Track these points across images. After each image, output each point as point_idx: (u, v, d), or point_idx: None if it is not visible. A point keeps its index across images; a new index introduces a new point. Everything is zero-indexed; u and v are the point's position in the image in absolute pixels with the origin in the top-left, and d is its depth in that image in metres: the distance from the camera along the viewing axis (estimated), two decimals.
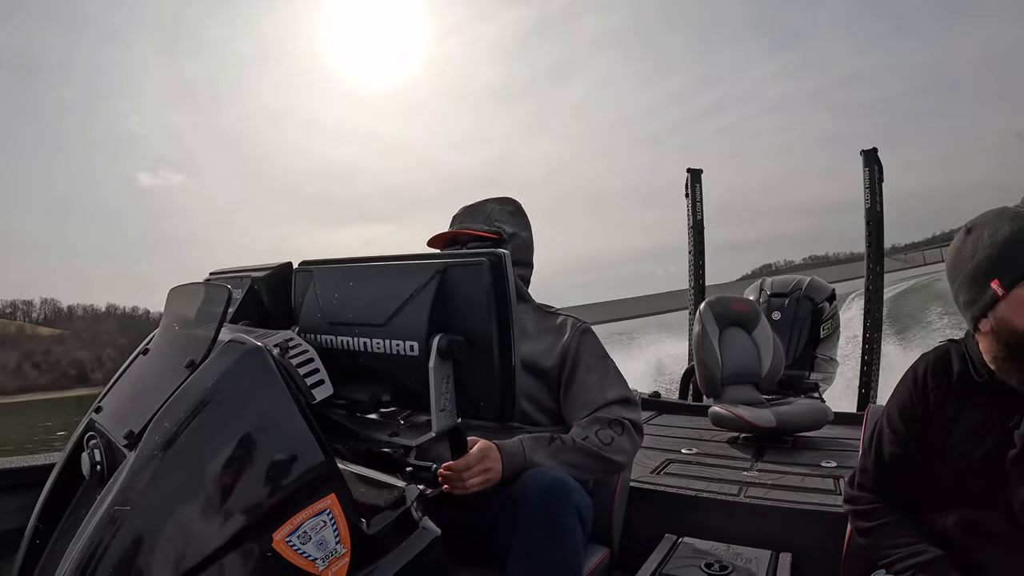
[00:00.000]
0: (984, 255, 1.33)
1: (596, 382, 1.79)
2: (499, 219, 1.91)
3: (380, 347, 1.11)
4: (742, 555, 2.08)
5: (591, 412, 1.74)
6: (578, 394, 1.79)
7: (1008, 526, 1.32)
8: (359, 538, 1.02)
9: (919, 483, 1.46)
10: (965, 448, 1.37)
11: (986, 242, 1.33)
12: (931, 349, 1.51)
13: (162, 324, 1.37)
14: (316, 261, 1.33)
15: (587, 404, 1.76)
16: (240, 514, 0.95)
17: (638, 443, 1.77)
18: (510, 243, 1.89)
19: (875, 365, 4.78)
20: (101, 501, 0.97)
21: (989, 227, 1.34)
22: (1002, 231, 1.31)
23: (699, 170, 5.65)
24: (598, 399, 1.76)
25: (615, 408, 1.75)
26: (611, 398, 1.77)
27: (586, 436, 1.67)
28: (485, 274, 1.04)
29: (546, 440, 1.63)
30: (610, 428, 1.71)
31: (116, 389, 1.32)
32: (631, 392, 1.83)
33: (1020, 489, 1.29)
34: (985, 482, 1.35)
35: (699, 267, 5.70)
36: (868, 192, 4.70)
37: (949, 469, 1.40)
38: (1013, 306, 1.30)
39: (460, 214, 1.95)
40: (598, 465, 1.67)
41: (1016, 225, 1.30)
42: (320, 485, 1.00)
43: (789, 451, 3.40)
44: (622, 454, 1.70)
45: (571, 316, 1.93)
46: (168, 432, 0.97)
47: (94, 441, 1.13)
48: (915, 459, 1.45)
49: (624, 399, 1.78)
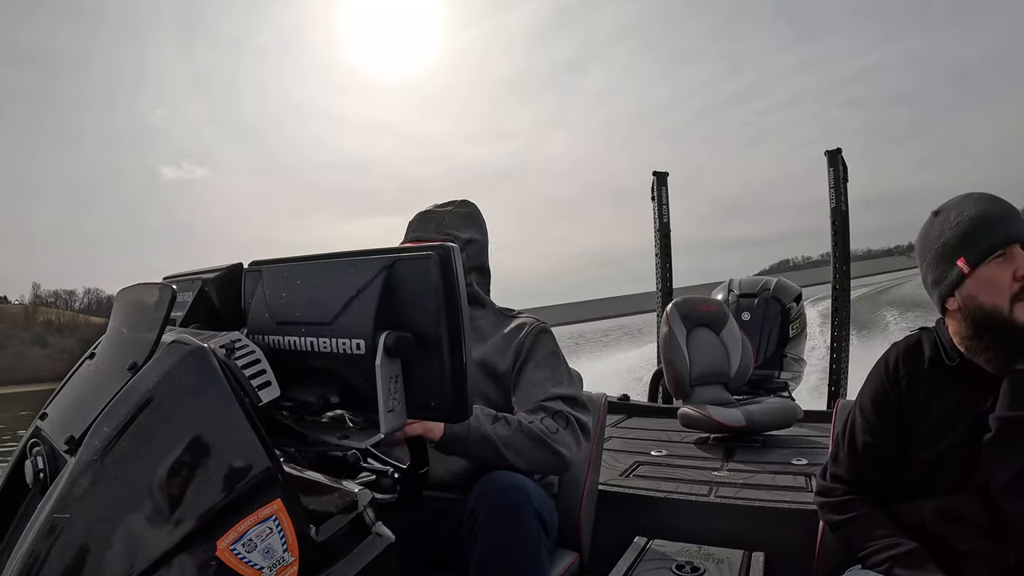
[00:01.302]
0: (951, 235, 1.36)
1: (545, 377, 1.76)
2: (452, 225, 1.88)
3: (327, 346, 1.08)
4: (714, 556, 2.08)
5: (535, 403, 1.70)
6: (525, 388, 1.76)
7: (983, 512, 1.32)
8: (308, 545, 0.99)
9: (893, 472, 1.46)
10: (939, 433, 1.38)
11: (952, 222, 1.36)
12: (902, 338, 1.53)
13: (109, 327, 1.33)
14: (265, 261, 1.30)
15: (532, 397, 1.73)
16: (182, 521, 0.91)
17: (583, 442, 1.71)
18: (465, 250, 1.85)
19: (844, 363, 4.84)
20: (40, 509, 0.93)
21: (956, 209, 1.37)
22: (968, 211, 1.35)
23: (665, 173, 5.69)
24: (544, 392, 1.73)
25: (560, 403, 1.71)
26: (557, 393, 1.73)
27: (531, 421, 1.64)
28: (433, 268, 1.01)
29: (492, 416, 1.60)
30: (554, 419, 1.66)
31: (62, 395, 1.28)
32: (580, 392, 1.80)
33: (997, 472, 1.30)
34: (959, 467, 1.35)
35: (666, 269, 5.75)
36: (833, 192, 4.77)
37: (923, 455, 1.41)
38: (979, 283, 1.33)
39: (414, 221, 1.91)
40: (541, 452, 1.61)
41: (981, 206, 1.34)
42: (265, 490, 0.96)
43: (759, 450, 3.42)
44: (565, 447, 1.64)
45: (531, 317, 1.90)
46: (107, 436, 0.93)
47: (37, 448, 1.09)
48: (889, 447, 1.46)
49: (571, 397, 1.74)
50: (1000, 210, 1.34)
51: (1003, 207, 1.34)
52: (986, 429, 1.32)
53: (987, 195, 1.35)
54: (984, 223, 1.33)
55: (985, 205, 1.34)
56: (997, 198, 1.35)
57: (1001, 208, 1.34)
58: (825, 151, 4.76)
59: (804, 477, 2.85)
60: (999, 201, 1.35)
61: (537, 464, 1.63)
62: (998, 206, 1.34)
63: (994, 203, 1.35)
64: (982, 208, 1.34)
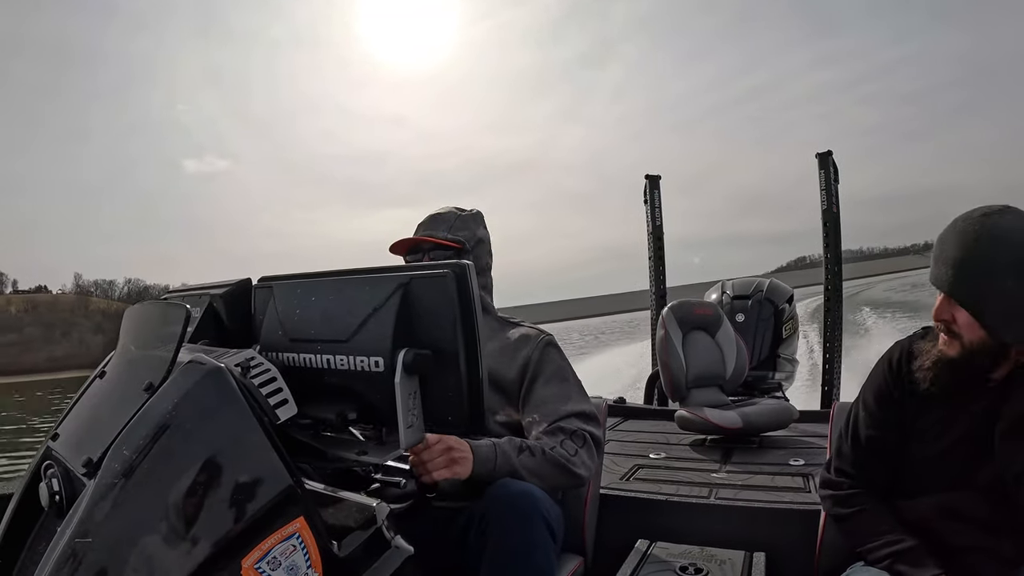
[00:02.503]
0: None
1: (557, 394, 1.77)
2: (461, 227, 1.90)
3: (344, 363, 1.09)
4: (716, 557, 2.09)
5: (551, 423, 1.72)
6: (537, 406, 1.77)
7: (984, 509, 1.35)
8: (331, 561, 1.00)
9: (895, 467, 1.48)
10: (940, 430, 1.40)
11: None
12: (906, 336, 1.55)
13: (119, 346, 1.33)
14: (275, 277, 1.30)
15: (547, 416, 1.74)
16: (206, 542, 0.91)
17: (597, 458, 1.76)
18: (472, 252, 1.88)
19: (836, 363, 4.85)
20: (61, 534, 0.93)
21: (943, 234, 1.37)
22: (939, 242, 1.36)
23: (657, 176, 5.70)
24: (558, 411, 1.74)
25: (575, 420, 1.73)
26: (572, 410, 1.75)
27: (553, 447, 1.65)
28: (449, 286, 1.02)
29: (517, 447, 1.61)
30: (572, 440, 1.69)
31: (73, 415, 1.28)
32: (592, 406, 1.82)
33: (1012, 464, 1.31)
34: (960, 464, 1.37)
35: (659, 272, 5.75)
36: (824, 194, 4.79)
37: (924, 452, 1.42)
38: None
39: (424, 223, 1.92)
40: (564, 477, 1.66)
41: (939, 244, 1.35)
42: (288, 508, 0.97)
43: (756, 451, 3.43)
44: (583, 468, 1.68)
45: (534, 327, 1.91)
46: (127, 460, 0.93)
47: (52, 470, 1.09)
48: (891, 441, 1.47)
49: (584, 412, 1.76)
50: (941, 254, 1.34)
51: (948, 253, 1.33)
52: (987, 427, 1.34)
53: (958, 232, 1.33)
54: (933, 259, 1.36)
55: (940, 243, 1.35)
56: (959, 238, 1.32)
57: (945, 253, 1.33)
58: (816, 153, 4.77)
59: (802, 477, 2.87)
60: (954, 242, 1.32)
61: (557, 486, 1.68)
62: (946, 249, 1.33)
63: (947, 244, 1.33)
64: (938, 244, 1.35)
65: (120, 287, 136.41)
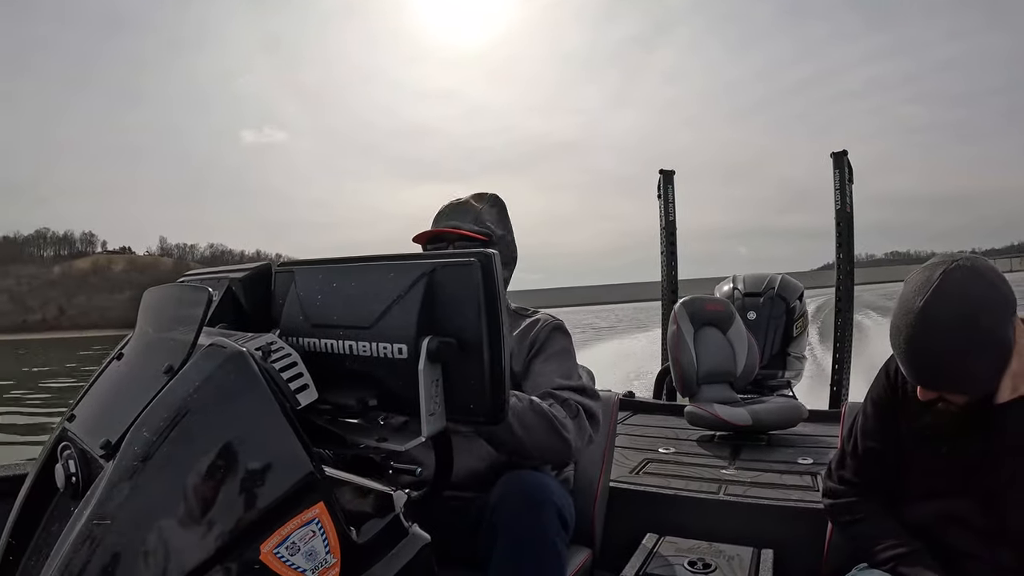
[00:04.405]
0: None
1: (554, 370, 1.76)
2: (489, 219, 1.89)
3: (366, 350, 1.08)
4: (724, 552, 2.10)
5: (544, 393, 1.68)
6: (533, 379, 1.75)
7: (982, 518, 1.35)
8: (349, 547, 0.99)
9: (896, 475, 1.48)
10: (939, 439, 1.40)
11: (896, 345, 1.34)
12: None
13: (137, 328, 1.32)
14: (297, 261, 1.29)
15: (541, 387, 1.71)
16: (225, 526, 0.91)
17: (590, 432, 1.70)
18: (498, 244, 1.86)
19: (846, 363, 4.85)
20: (78, 516, 0.93)
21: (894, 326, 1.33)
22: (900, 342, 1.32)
23: (671, 171, 5.68)
24: (553, 382, 1.72)
25: (569, 392, 1.70)
26: (567, 384, 1.72)
27: (541, 402, 1.61)
28: (475, 274, 1.01)
29: None
30: (563, 407, 1.64)
31: (90, 396, 1.27)
32: (590, 385, 1.80)
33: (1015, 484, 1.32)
34: (960, 472, 1.37)
35: (671, 267, 5.74)
36: (838, 194, 4.77)
37: (924, 459, 1.43)
38: None
39: (447, 211, 1.91)
40: (548, 434, 1.58)
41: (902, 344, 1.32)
42: (308, 494, 0.96)
43: (765, 449, 3.44)
44: (572, 435, 1.62)
45: (546, 315, 1.91)
46: (147, 442, 0.93)
47: (68, 452, 1.09)
48: (891, 451, 1.48)
49: (581, 387, 1.74)
50: (908, 358, 1.31)
51: (915, 361, 1.31)
52: (985, 437, 1.34)
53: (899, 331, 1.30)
54: (901, 359, 1.33)
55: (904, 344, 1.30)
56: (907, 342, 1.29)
57: (910, 359, 1.31)
58: (831, 153, 4.75)
59: (811, 476, 2.88)
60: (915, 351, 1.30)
61: (544, 446, 1.59)
62: (910, 355, 1.31)
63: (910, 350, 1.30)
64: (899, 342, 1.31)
65: (202, 250, 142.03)
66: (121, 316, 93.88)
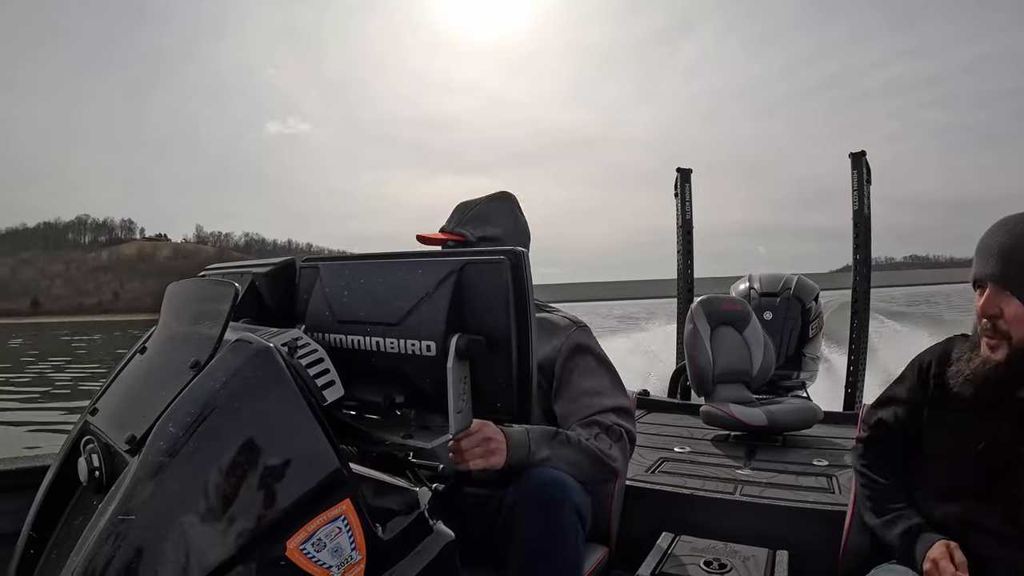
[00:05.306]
0: None
1: (594, 387, 1.76)
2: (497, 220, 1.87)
3: (394, 347, 1.08)
4: (740, 553, 2.09)
5: (587, 416, 1.71)
6: (574, 398, 1.75)
7: (1005, 522, 1.34)
8: (375, 543, 0.99)
9: (919, 465, 1.50)
10: (966, 441, 1.39)
11: None
12: (939, 342, 1.55)
13: (160, 322, 1.32)
14: (321, 257, 1.29)
15: (583, 408, 1.73)
16: (252, 522, 0.91)
17: (629, 454, 1.75)
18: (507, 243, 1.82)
19: (861, 365, 4.82)
20: (103, 510, 0.93)
21: None
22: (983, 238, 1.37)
23: (688, 170, 5.65)
24: (593, 404, 1.73)
25: (611, 415, 1.72)
26: (608, 405, 1.74)
27: (587, 438, 1.65)
28: (504, 272, 1.01)
29: (551, 434, 1.61)
30: (608, 435, 1.68)
31: (113, 390, 1.27)
32: (627, 401, 1.81)
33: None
34: (985, 477, 1.37)
35: (688, 266, 5.71)
36: (856, 195, 4.74)
37: (949, 461, 1.43)
38: None
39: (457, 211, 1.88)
40: (597, 468, 1.65)
41: (985, 237, 1.36)
42: (334, 490, 0.96)
43: (780, 450, 3.42)
44: (616, 462, 1.68)
45: (567, 315, 1.89)
46: (174, 437, 0.93)
47: (91, 445, 1.09)
48: (915, 417, 1.52)
49: (621, 408, 1.76)
50: (987, 245, 1.34)
51: (996, 241, 1.33)
52: (1011, 445, 1.34)
53: (1004, 223, 1.34)
54: (977, 254, 1.36)
55: (985, 237, 1.36)
56: (1007, 227, 1.34)
57: (991, 243, 1.34)
58: (849, 153, 4.72)
59: (826, 478, 2.86)
60: (1002, 232, 1.34)
61: (590, 476, 1.67)
62: (992, 239, 1.34)
63: (993, 234, 1.35)
64: (983, 239, 1.36)
65: (237, 238, 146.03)
66: None
